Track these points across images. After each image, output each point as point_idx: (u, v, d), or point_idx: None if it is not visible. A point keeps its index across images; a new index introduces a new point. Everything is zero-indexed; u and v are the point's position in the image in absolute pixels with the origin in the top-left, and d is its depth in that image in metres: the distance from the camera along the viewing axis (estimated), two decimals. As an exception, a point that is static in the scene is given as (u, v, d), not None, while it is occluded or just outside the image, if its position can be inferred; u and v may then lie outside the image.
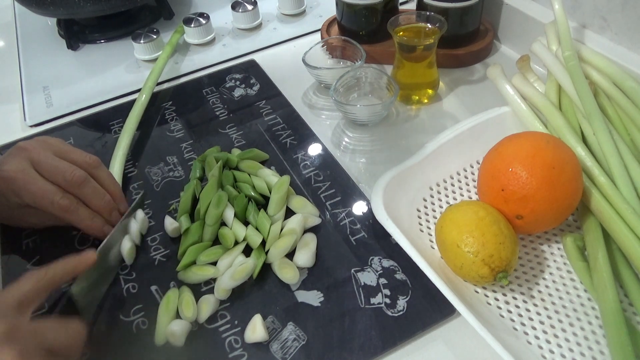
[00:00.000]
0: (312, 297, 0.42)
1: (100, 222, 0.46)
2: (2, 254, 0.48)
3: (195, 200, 0.50)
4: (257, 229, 0.46)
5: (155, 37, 0.70)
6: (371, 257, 0.44)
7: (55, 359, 0.34)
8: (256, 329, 0.39)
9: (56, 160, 0.45)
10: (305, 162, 0.54)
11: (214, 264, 0.44)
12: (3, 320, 0.32)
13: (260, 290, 0.43)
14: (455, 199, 0.48)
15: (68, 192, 0.45)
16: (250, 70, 0.68)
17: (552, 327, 0.38)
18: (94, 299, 0.43)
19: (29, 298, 0.36)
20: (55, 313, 0.41)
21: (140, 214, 0.48)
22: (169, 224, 0.48)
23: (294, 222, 0.46)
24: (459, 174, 0.49)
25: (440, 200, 0.48)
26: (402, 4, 0.75)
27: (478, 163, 0.50)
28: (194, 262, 0.45)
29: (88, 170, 0.46)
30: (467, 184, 0.49)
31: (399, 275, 0.43)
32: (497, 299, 0.40)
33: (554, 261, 0.43)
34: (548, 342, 0.37)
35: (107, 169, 0.49)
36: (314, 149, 0.55)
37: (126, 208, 0.49)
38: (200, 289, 0.43)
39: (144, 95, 0.61)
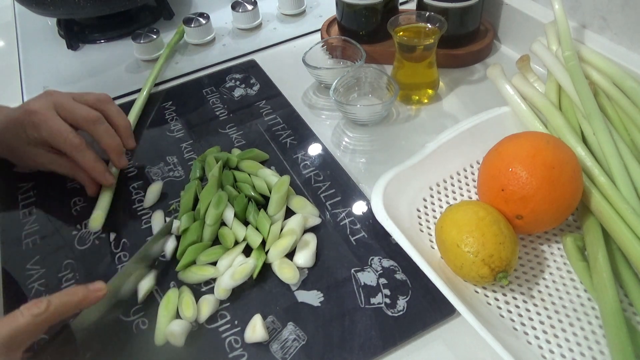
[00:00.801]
0: (312, 297, 0.42)
1: (103, 167, 0.50)
2: (2, 253, 0.48)
3: (195, 200, 0.50)
4: (257, 229, 0.46)
5: (155, 37, 0.70)
6: (371, 257, 0.44)
7: None
8: (256, 329, 0.39)
9: (75, 103, 0.51)
10: (305, 162, 0.54)
11: (214, 264, 0.44)
12: None
13: (260, 290, 0.43)
14: (455, 199, 0.48)
15: (84, 129, 0.50)
16: (250, 70, 0.68)
17: (552, 327, 0.38)
18: (95, 332, 0.41)
19: (22, 335, 0.33)
20: (51, 345, 0.37)
21: (170, 244, 0.46)
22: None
23: (294, 222, 0.46)
24: (459, 174, 0.49)
25: (440, 200, 0.48)
26: (402, 4, 0.75)
27: (478, 163, 0.50)
28: (193, 262, 0.45)
29: (100, 106, 0.52)
30: (467, 184, 0.49)
31: (399, 275, 0.43)
32: (497, 299, 0.40)
33: (554, 261, 0.43)
34: (548, 342, 0.37)
35: (116, 105, 0.54)
36: (314, 149, 0.55)
37: (133, 144, 0.54)
38: (200, 289, 0.43)
39: (140, 100, 0.62)
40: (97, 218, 0.49)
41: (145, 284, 0.43)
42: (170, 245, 0.46)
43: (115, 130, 0.52)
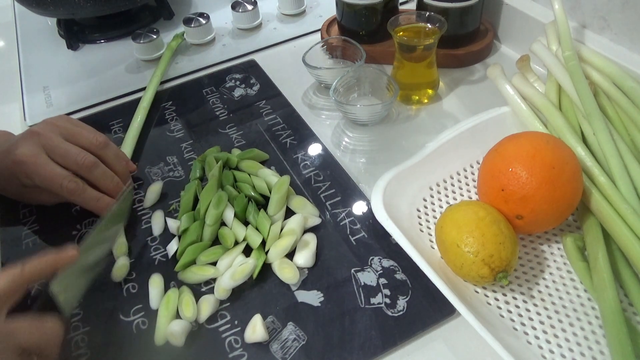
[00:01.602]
0: (312, 297, 0.42)
1: (106, 203, 0.48)
2: (2, 253, 0.48)
3: (195, 200, 0.50)
4: (257, 229, 0.46)
5: (155, 37, 0.70)
6: (371, 257, 0.44)
7: (30, 358, 0.34)
8: (256, 329, 0.39)
9: (67, 145, 0.47)
10: (305, 162, 0.54)
11: (214, 264, 0.44)
12: None
13: (260, 290, 0.43)
14: (455, 199, 0.48)
15: (78, 174, 0.47)
16: (250, 70, 0.68)
17: (552, 327, 0.38)
18: (75, 296, 0.42)
19: (3, 297, 0.35)
20: (33, 309, 0.38)
21: (171, 245, 0.47)
22: (170, 224, 0.48)
23: (294, 222, 0.46)
24: (459, 174, 0.49)
25: (440, 200, 0.48)
26: (402, 4, 0.75)
27: (478, 163, 0.50)
28: (193, 262, 0.45)
29: (96, 152, 0.49)
30: (467, 184, 0.49)
31: (399, 275, 0.43)
32: (497, 299, 0.40)
33: (554, 261, 0.43)
34: (548, 342, 0.37)
35: (115, 147, 0.51)
36: (314, 149, 0.55)
37: (132, 184, 0.52)
38: (200, 289, 0.43)
39: (144, 103, 0.62)
40: (122, 269, 0.46)
41: (119, 243, 0.46)
42: (171, 245, 0.46)
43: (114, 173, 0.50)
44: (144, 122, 0.60)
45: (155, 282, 0.44)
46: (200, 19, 0.73)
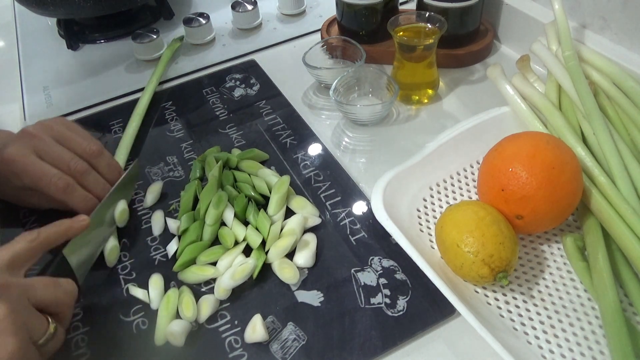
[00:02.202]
0: (312, 297, 0.42)
1: (94, 204, 0.47)
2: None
3: (195, 200, 0.50)
4: (257, 229, 0.46)
5: (155, 37, 0.70)
6: (371, 257, 0.44)
7: (45, 315, 0.36)
8: (256, 329, 0.39)
9: (59, 148, 0.47)
10: (305, 162, 0.54)
11: (214, 264, 0.44)
12: None
13: (260, 290, 0.43)
14: (455, 199, 0.48)
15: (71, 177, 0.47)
16: (250, 70, 0.68)
17: (552, 327, 0.38)
18: (87, 261, 0.45)
19: (21, 258, 0.38)
20: (48, 273, 0.42)
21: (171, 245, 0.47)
22: (170, 224, 0.48)
23: (294, 222, 0.46)
24: (459, 174, 0.49)
25: (440, 200, 0.48)
26: (402, 4, 0.75)
27: (478, 163, 0.50)
28: (192, 262, 0.45)
29: (89, 160, 0.48)
30: (467, 184, 0.49)
31: (399, 275, 0.43)
32: (497, 299, 0.40)
33: (554, 261, 0.43)
34: (548, 342, 0.37)
35: (109, 156, 0.51)
36: (314, 149, 0.55)
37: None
38: (200, 289, 0.43)
39: (139, 109, 0.61)
40: (113, 251, 0.46)
41: (119, 207, 0.48)
42: (171, 245, 0.46)
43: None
44: (144, 120, 0.60)
45: (155, 282, 0.44)
46: (200, 19, 0.73)
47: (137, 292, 0.43)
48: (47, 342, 0.36)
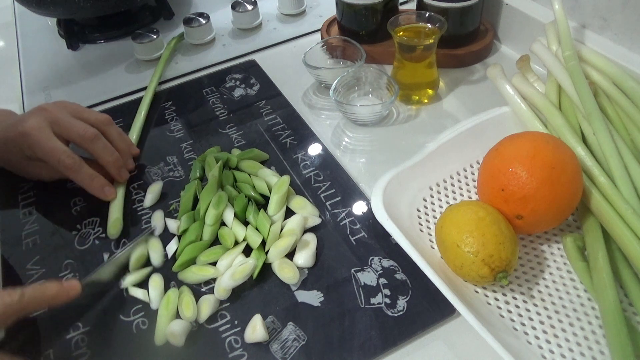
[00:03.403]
0: (312, 297, 0.42)
1: (100, 183, 0.49)
2: (2, 254, 0.48)
3: (195, 200, 0.50)
4: (257, 229, 0.46)
5: (155, 37, 0.70)
6: (371, 257, 0.44)
7: None
8: (256, 329, 0.39)
9: (72, 119, 0.50)
10: (305, 162, 0.54)
11: (214, 264, 0.44)
12: None
13: (260, 290, 0.43)
14: (455, 199, 0.48)
15: (81, 146, 0.49)
16: (250, 70, 0.68)
17: (552, 327, 0.38)
18: (61, 331, 0.41)
19: None
20: (14, 340, 0.38)
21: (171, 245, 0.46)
22: (169, 224, 0.48)
23: (294, 222, 0.46)
24: (459, 174, 0.49)
25: (440, 200, 0.48)
26: (402, 4, 0.75)
27: (478, 163, 0.50)
28: (192, 262, 0.45)
29: (100, 127, 0.51)
30: (467, 184, 0.49)
31: (399, 275, 0.43)
32: (497, 299, 0.40)
33: (554, 261, 0.43)
34: (548, 342, 0.37)
35: (118, 128, 0.53)
36: (314, 149, 0.55)
37: (133, 165, 0.54)
38: (200, 289, 0.43)
39: (145, 104, 0.62)
40: (115, 224, 0.48)
41: (113, 217, 0.48)
42: (171, 245, 0.46)
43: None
44: (144, 122, 0.60)
45: (155, 282, 0.43)
46: (200, 19, 0.73)
47: (137, 292, 0.43)
48: None
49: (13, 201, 0.53)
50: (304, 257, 0.44)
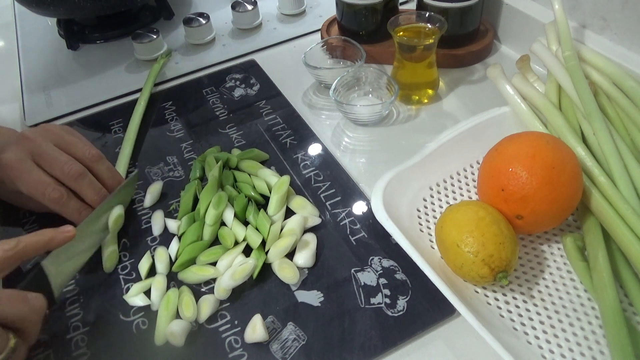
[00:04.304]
0: (312, 297, 0.42)
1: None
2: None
3: (195, 200, 0.50)
4: (257, 229, 0.46)
5: (155, 37, 0.70)
6: (371, 257, 0.44)
7: (6, 330, 0.34)
8: (256, 329, 0.39)
9: (56, 151, 0.45)
10: (305, 162, 0.54)
11: (214, 264, 0.44)
12: None
13: (260, 290, 0.43)
14: (455, 199, 0.48)
15: (65, 184, 0.45)
16: (250, 70, 0.68)
17: (552, 327, 0.38)
18: (69, 273, 0.43)
19: None
20: (22, 284, 0.39)
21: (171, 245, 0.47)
22: (169, 224, 0.48)
23: (294, 222, 0.46)
24: (459, 174, 0.49)
25: (440, 200, 0.48)
26: (402, 4, 0.75)
27: (478, 163, 0.50)
28: (192, 262, 0.45)
29: (88, 164, 0.47)
30: (467, 184, 0.49)
31: (399, 275, 0.43)
32: (497, 299, 0.40)
33: (554, 261, 0.43)
34: (548, 342, 0.37)
35: (108, 163, 0.49)
36: (314, 149, 0.55)
37: None
38: (200, 289, 0.43)
39: (141, 104, 0.62)
40: (112, 257, 0.46)
41: (115, 213, 0.47)
42: (171, 246, 0.46)
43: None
44: (143, 120, 0.60)
45: (158, 283, 0.43)
46: (200, 19, 0.73)
47: (136, 300, 0.43)
48: (7, 358, 0.34)
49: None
50: (304, 257, 0.44)
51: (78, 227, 0.42)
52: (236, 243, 0.46)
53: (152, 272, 0.45)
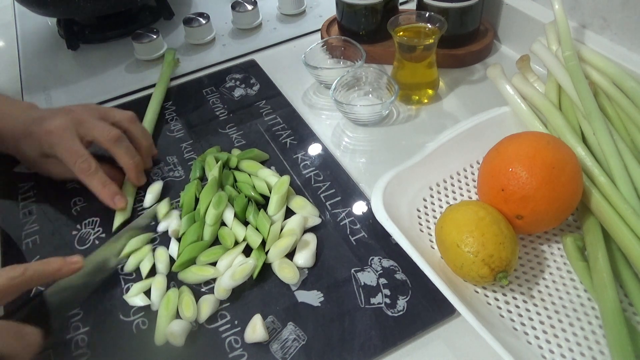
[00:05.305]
0: (312, 297, 0.42)
1: (112, 191, 0.49)
2: (2, 254, 0.48)
3: (195, 200, 0.50)
4: (257, 229, 0.46)
5: (155, 37, 0.70)
6: (371, 257, 0.44)
7: None
8: (256, 329, 0.39)
9: (96, 120, 0.50)
10: (305, 162, 0.54)
11: (214, 264, 0.44)
12: None
13: (260, 290, 0.43)
14: (455, 199, 0.48)
15: (104, 147, 0.49)
16: (250, 70, 0.68)
17: (552, 327, 0.38)
18: (71, 303, 0.42)
19: None
20: (24, 312, 0.38)
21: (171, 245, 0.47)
22: (169, 224, 0.48)
23: (294, 222, 0.46)
24: (459, 174, 0.49)
25: (440, 200, 0.48)
26: (402, 4, 0.75)
27: (478, 163, 0.50)
28: (192, 262, 0.45)
29: (123, 125, 0.52)
30: (467, 184, 0.49)
31: (399, 275, 0.43)
32: (497, 299, 0.40)
33: (554, 261, 0.43)
34: (548, 342, 0.37)
35: (141, 125, 0.54)
36: (314, 149, 0.55)
37: (151, 165, 0.54)
38: (200, 289, 0.43)
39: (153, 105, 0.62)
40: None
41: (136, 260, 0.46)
42: (171, 245, 0.46)
43: (137, 150, 0.52)
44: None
45: (158, 283, 0.43)
46: (200, 19, 0.73)
47: (136, 300, 0.43)
48: None
49: (13, 201, 0.53)
50: (304, 257, 0.44)
51: (86, 259, 0.41)
52: (236, 243, 0.46)
53: (152, 272, 0.45)
